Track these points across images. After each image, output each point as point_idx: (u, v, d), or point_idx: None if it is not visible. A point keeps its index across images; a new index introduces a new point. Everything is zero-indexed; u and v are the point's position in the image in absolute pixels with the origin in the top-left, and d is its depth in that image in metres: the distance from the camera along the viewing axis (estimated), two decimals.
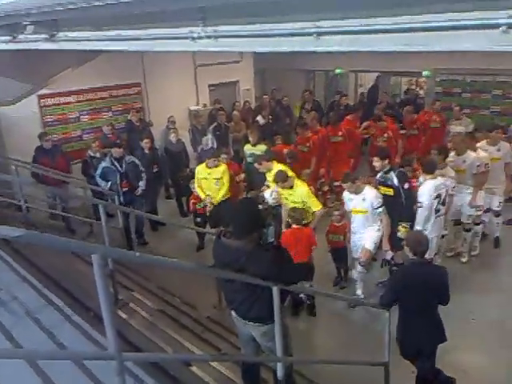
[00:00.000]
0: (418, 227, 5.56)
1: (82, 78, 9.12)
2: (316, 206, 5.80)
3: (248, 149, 7.92)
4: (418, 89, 12.30)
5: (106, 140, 8.86)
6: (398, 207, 5.51)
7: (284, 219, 6.04)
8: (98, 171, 7.22)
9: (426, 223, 5.55)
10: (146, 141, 7.99)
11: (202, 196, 7.12)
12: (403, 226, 5.47)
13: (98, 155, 8.25)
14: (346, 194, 5.64)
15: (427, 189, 5.52)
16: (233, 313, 3.41)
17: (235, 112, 10.36)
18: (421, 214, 5.53)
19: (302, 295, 5.52)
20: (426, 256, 5.47)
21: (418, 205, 5.55)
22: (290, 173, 6.19)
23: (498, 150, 6.48)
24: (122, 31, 3.97)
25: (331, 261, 6.26)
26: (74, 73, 8.56)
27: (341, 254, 6.11)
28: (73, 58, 7.67)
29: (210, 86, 11.58)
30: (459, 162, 6.21)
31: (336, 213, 6.03)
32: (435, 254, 5.81)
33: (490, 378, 4.53)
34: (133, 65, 9.78)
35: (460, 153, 6.21)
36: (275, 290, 2.97)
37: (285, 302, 3.39)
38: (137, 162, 7.37)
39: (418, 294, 3.78)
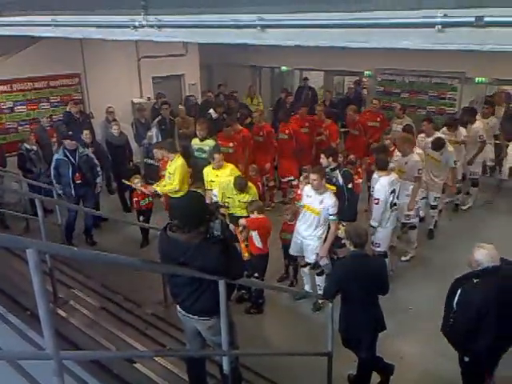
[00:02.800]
0: (373, 223, 5.74)
1: (18, 66, 8.69)
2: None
3: (196, 143, 7.78)
4: (360, 88, 12.64)
5: (43, 132, 8.46)
6: (341, 206, 5.52)
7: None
8: (53, 164, 7.02)
9: (382, 218, 5.72)
10: (86, 132, 7.71)
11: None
12: (343, 225, 5.48)
13: (34, 148, 7.87)
14: (306, 189, 5.54)
15: (382, 185, 5.65)
16: (178, 307, 3.37)
17: (180, 107, 10.19)
18: (377, 210, 5.69)
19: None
20: (381, 249, 5.80)
21: (375, 201, 5.68)
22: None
23: (441, 154, 6.82)
24: (58, 17, 3.80)
25: (280, 258, 6.28)
26: (7, 61, 8.10)
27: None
28: (6, 45, 7.26)
29: (153, 78, 11.33)
30: (402, 163, 6.39)
31: (287, 213, 6.01)
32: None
33: (425, 364, 4.78)
34: (72, 54, 9.40)
35: (404, 154, 6.37)
36: (221, 284, 2.96)
37: (231, 296, 3.38)
38: (90, 154, 7.22)
39: (358, 285, 3.90)
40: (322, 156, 5.76)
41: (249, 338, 5.14)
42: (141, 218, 7.33)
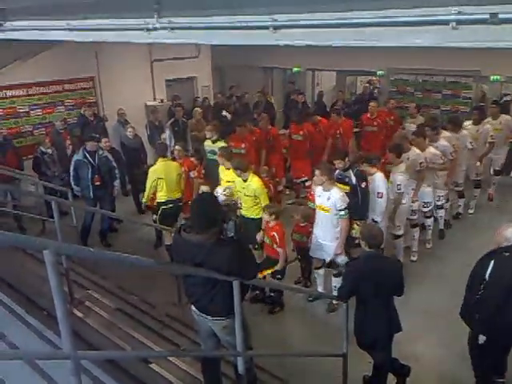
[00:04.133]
0: (377, 218, 5.73)
1: (33, 70, 8.82)
2: (265, 201, 5.90)
3: (208, 145, 7.82)
4: (371, 87, 12.56)
5: (57, 135, 8.58)
6: (353, 205, 5.52)
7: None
8: (72, 165, 7.11)
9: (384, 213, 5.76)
10: (104, 140, 7.70)
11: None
12: (357, 224, 5.52)
13: (49, 151, 7.98)
14: (318, 189, 5.56)
15: (381, 179, 5.73)
16: (193, 307, 3.39)
17: (197, 109, 10.21)
18: (381, 205, 5.71)
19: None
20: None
21: (379, 195, 5.69)
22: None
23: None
24: (73, 21, 3.85)
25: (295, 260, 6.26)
26: (23, 65, 8.24)
27: (304, 253, 6.05)
28: (22, 49, 7.38)
29: (166, 81, 11.41)
30: (404, 159, 6.32)
31: (297, 216, 6.00)
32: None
33: (442, 365, 4.72)
34: (86, 58, 9.50)
35: (405, 150, 6.34)
36: (235, 284, 2.97)
37: (245, 296, 3.39)
38: (109, 156, 7.28)
39: (373, 286, 3.87)
40: (338, 161, 5.72)
41: (263, 338, 5.15)
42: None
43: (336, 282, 5.66)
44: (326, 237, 5.50)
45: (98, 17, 3.59)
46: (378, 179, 5.76)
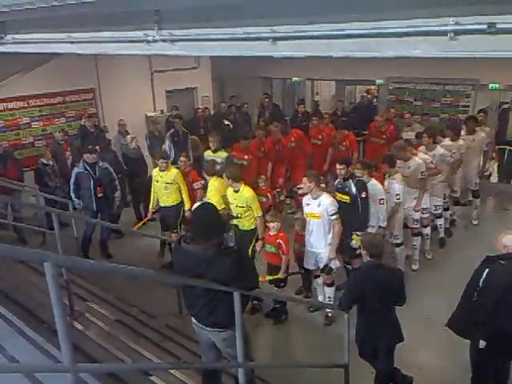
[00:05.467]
0: (383, 224, 5.79)
1: (34, 82, 8.85)
2: (258, 212, 5.84)
3: (208, 155, 7.78)
4: (369, 96, 12.61)
5: (58, 147, 8.60)
6: (353, 215, 5.51)
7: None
8: (73, 177, 7.11)
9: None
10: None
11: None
12: (357, 235, 5.45)
13: (50, 163, 7.99)
14: (304, 199, 5.61)
15: (379, 186, 5.78)
16: (193, 319, 3.37)
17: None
18: (383, 210, 5.75)
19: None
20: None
21: (381, 202, 5.71)
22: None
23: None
24: (74, 34, 3.87)
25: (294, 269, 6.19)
26: (24, 77, 8.28)
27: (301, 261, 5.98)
28: (22, 62, 7.42)
29: (167, 92, 11.46)
30: (405, 168, 6.38)
31: (297, 226, 5.98)
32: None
33: (445, 375, 4.68)
34: (87, 70, 9.55)
35: (405, 159, 6.37)
36: (236, 296, 2.96)
37: (246, 307, 3.37)
38: (110, 168, 7.26)
39: (375, 296, 3.86)
40: (342, 166, 5.68)
41: (264, 349, 5.12)
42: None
43: (330, 291, 5.64)
44: (320, 244, 5.48)
45: (99, 29, 3.62)
46: (376, 186, 5.76)
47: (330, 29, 2.21)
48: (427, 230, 6.82)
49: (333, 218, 5.34)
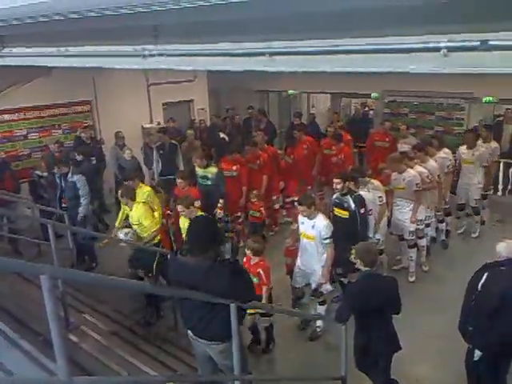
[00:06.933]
0: (372, 234, 5.82)
1: (31, 94, 8.90)
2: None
3: (199, 171, 7.47)
4: (366, 109, 12.72)
5: (52, 158, 8.61)
6: (351, 230, 5.46)
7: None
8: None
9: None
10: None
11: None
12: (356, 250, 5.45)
13: (45, 174, 7.99)
14: (300, 217, 5.45)
15: (366, 197, 5.78)
16: (189, 332, 3.36)
17: (189, 131, 10.25)
18: (372, 221, 5.82)
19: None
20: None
21: (370, 212, 5.75)
22: None
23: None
24: (71, 47, 3.91)
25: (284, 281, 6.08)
26: (22, 89, 8.31)
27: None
28: (19, 74, 7.45)
29: (163, 104, 11.53)
30: (400, 180, 6.43)
31: (287, 240, 5.89)
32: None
33: None
34: (84, 82, 9.59)
35: (400, 171, 6.42)
36: (233, 308, 2.95)
37: (242, 320, 3.36)
38: (78, 184, 7.06)
39: (372, 305, 3.86)
40: (339, 181, 5.64)
41: (259, 361, 5.09)
42: None
43: (321, 310, 5.54)
44: (312, 264, 5.38)
45: (95, 43, 3.66)
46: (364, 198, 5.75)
47: (326, 44, 2.24)
48: (423, 242, 6.83)
49: (326, 241, 5.21)
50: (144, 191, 6.38)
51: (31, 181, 8.09)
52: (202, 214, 5.41)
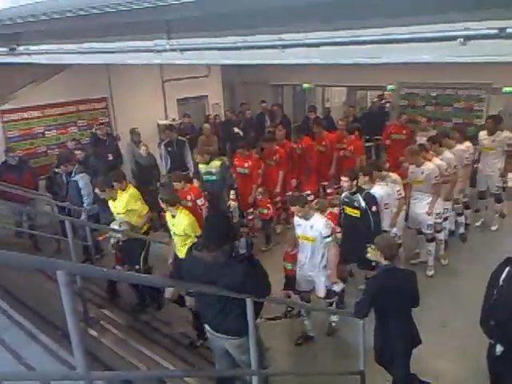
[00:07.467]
0: (393, 229, 5.80)
1: (48, 92, 8.99)
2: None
3: (202, 167, 7.32)
4: (383, 102, 12.55)
5: (69, 155, 8.70)
6: (364, 229, 5.35)
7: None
8: None
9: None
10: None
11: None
12: (372, 248, 5.34)
13: (60, 171, 8.09)
14: (295, 219, 5.23)
15: (381, 190, 5.72)
16: (206, 326, 3.37)
17: (206, 125, 10.27)
18: (389, 215, 5.78)
19: None
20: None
21: (386, 206, 5.69)
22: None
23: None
24: (85, 44, 3.93)
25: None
26: (39, 87, 8.41)
27: (292, 282, 5.50)
28: (37, 72, 7.55)
29: (178, 100, 11.56)
30: (418, 173, 6.34)
31: (287, 246, 5.67)
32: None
33: (461, 382, 4.61)
34: (99, 79, 9.68)
35: (418, 164, 6.33)
36: (249, 302, 2.95)
37: (259, 314, 3.35)
38: (80, 184, 7.10)
39: (393, 299, 3.85)
40: (346, 179, 5.52)
41: (276, 356, 5.09)
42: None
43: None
44: (314, 268, 5.17)
45: (109, 39, 3.67)
46: (379, 191, 5.68)
47: (339, 35, 2.21)
48: (441, 236, 6.73)
49: (327, 240, 5.00)
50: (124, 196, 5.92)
51: (48, 177, 8.19)
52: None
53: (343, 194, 5.72)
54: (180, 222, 5.02)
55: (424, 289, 4.35)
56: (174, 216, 5.09)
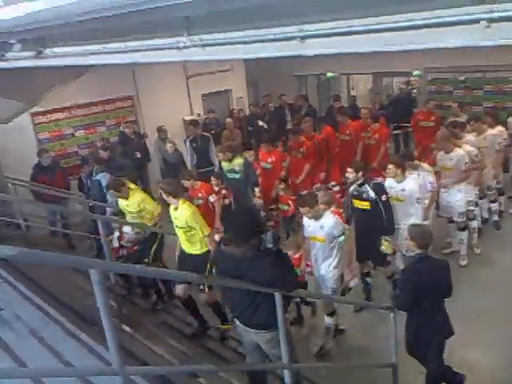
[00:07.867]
0: (427, 222, 5.65)
1: (75, 93, 9.19)
2: (204, 231, 4.88)
3: (225, 165, 7.24)
4: (410, 88, 12.26)
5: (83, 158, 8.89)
6: (377, 221, 5.23)
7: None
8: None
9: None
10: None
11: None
12: (386, 240, 5.14)
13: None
14: (305, 220, 5.06)
15: (414, 183, 5.60)
16: (236, 321, 3.40)
17: (228, 119, 10.29)
18: (423, 208, 5.64)
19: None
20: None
21: (419, 201, 5.54)
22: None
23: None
24: (107, 45, 3.98)
25: None
26: (66, 89, 8.59)
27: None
28: (63, 73, 7.71)
29: (202, 95, 11.62)
30: (446, 160, 6.17)
31: (289, 251, 5.28)
32: None
33: (498, 373, 4.50)
34: (124, 78, 9.83)
35: (447, 151, 6.16)
36: (278, 296, 2.96)
37: (288, 308, 3.36)
38: (103, 183, 7.03)
39: (428, 290, 3.78)
40: (351, 170, 5.41)
41: (306, 349, 5.09)
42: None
43: (329, 321, 5.11)
44: (327, 268, 4.97)
45: (132, 39, 3.71)
46: (412, 185, 5.56)
47: (359, 24, 2.17)
48: (474, 224, 6.56)
49: (340, 239, 4.82)
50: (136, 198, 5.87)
51: (78, 178, 8.39)
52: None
53: (351, 188, 5.54)
54: (182, 214, 4.89)
55: (456, 278, 4.26)
56: (176, 209, 4.97)
